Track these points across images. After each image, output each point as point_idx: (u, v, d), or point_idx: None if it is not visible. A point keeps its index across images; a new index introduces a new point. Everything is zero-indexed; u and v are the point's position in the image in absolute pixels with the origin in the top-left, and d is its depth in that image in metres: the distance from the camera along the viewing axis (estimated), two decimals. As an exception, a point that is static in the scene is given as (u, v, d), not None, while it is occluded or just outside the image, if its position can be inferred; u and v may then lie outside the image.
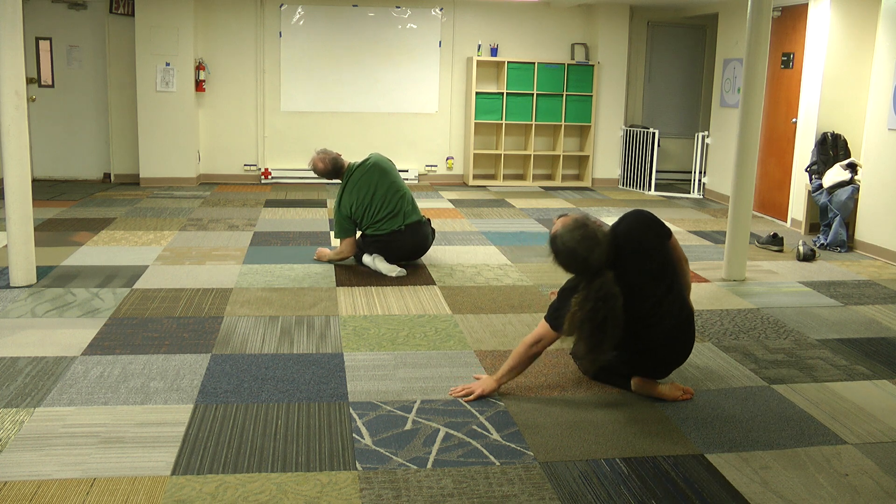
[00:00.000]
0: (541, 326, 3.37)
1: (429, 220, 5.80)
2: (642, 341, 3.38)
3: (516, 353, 3.43)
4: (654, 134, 9.68)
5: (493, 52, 9.97)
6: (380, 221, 5.50)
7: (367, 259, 5.59)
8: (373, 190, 5.51)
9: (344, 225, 5.57)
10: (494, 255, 6.09)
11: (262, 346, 4.02)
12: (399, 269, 5.44)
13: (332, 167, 5.62)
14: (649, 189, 9.79)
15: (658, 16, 10.57)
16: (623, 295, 3.19)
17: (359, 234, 5.69)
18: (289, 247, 6.23)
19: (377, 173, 5.58)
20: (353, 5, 9.67)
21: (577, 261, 3.23)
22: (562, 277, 3.42)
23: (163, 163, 9.29)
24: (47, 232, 6.56)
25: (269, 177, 9.69)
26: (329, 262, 5.73)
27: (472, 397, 3.42)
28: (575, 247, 3.20)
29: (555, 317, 3.32)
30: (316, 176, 5.86)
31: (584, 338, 3.17)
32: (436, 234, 6.04)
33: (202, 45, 9.48)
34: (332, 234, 6.21)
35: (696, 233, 7.29)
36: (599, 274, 3.21)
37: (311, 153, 5.73)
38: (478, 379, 3.59)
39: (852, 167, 6.85)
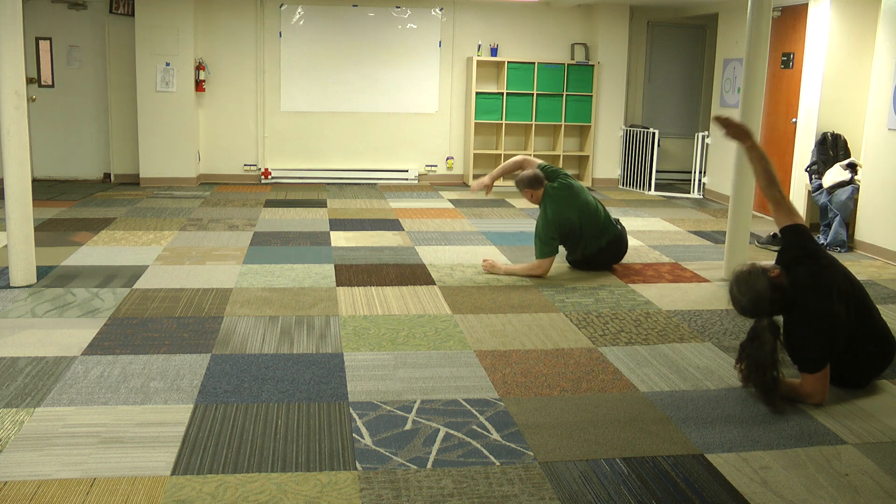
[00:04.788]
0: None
1: (622, 226, 5.96)
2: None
3: None
4: (654, 134, 9.68)
5: (493, 52, 9.97)
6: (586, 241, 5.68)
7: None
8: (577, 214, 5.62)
9: (553, 245, 5.49)
10: (494, 256, 6.09)
11: (262, 346, 4.02)
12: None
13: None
14: (649, 189, 9.79)
15: (658, 16, 10.57)
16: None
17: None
18: (289, 247, 6.23)
19: (573, 195, 5.67)
20: (353, 5, 9.67)
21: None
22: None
23: (163, 163, 9.29)
24: (47, 232, 6.56)
25: (269, 177, 9.69)
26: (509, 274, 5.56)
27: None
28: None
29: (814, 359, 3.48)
30: None
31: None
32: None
33: (202, 45, 9.48)
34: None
35: (696, 233, 7.29)
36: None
37: (311, 153, 5.67)
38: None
39: (852, 167, 6.85)
